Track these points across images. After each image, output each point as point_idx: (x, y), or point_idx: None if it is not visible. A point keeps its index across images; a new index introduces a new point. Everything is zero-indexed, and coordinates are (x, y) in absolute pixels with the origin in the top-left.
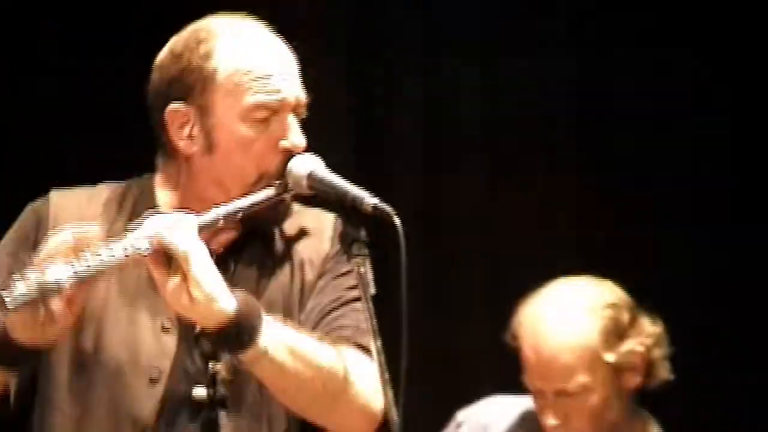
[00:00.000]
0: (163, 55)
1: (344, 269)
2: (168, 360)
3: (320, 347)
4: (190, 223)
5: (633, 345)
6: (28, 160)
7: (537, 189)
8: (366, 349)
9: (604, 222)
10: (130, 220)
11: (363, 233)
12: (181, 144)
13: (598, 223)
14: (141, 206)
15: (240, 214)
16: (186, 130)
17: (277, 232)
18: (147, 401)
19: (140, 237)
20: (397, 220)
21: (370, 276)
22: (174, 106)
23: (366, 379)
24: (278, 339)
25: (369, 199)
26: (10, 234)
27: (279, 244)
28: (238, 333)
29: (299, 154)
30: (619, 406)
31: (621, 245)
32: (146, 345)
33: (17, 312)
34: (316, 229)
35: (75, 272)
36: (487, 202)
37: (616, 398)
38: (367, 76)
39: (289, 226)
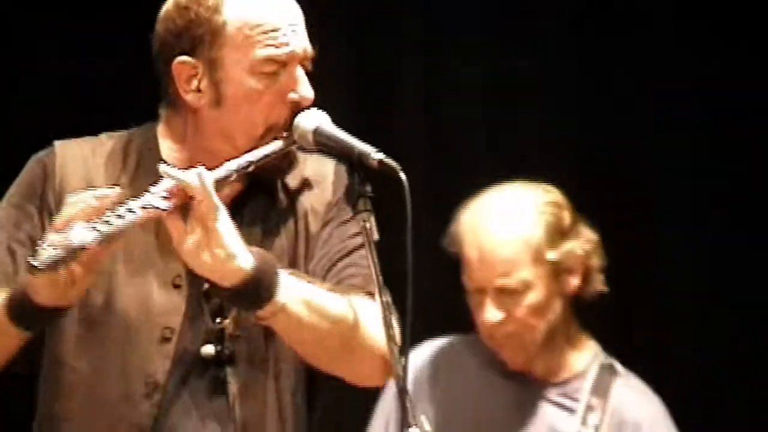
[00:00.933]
0: (168, 6)
1: (347, 216)
2: (178, 317)
3: (334, 298)
4: (208, 178)
5: (574, 246)
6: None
7: None
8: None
9: (603, 222)
10: (136, 172)
11: (369, 188)
12: (189, 97)
13: (597, 222)
14: (145, 158)
15: (251, 168)
16: (194, 83)
17: (279, 183)
18: (159, 359)
19: (160, 193)
20: (402, 175)
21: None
22: (181, 59)
23: (380, 327)
24: (294, 293)
25: (375, 154)
26: (16, 186)
27: (282, 196)
28: (256, 290)
29: (307, 106)
30: (557, 309)
31: (621, 245)
32: (157, 302)
33: (44, 274)
34: (318, 178)
35: (99, 232)
36: None
37: (555, 299)
38: (368, 76)
39: (292, 177)
